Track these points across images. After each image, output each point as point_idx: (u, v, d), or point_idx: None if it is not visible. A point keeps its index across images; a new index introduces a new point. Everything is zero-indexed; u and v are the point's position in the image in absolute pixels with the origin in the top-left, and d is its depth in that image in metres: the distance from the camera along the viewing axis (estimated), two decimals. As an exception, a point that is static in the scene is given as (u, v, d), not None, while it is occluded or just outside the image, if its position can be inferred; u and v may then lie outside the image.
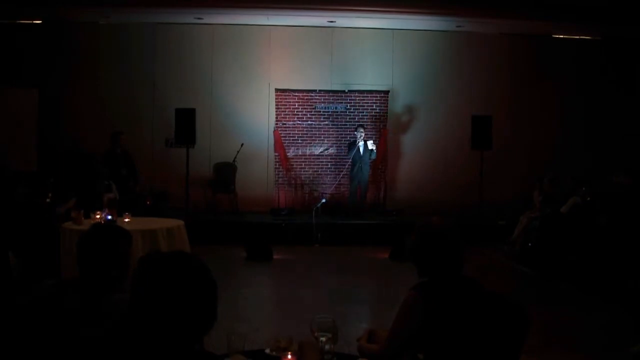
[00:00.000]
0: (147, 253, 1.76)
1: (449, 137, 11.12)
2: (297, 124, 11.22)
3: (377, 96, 11.28)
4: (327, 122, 11.25)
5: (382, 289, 7.27)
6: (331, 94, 11.22)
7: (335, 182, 11.07)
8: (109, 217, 5.90)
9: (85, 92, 10.72)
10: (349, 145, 10.52)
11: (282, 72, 11.11)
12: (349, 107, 11.27)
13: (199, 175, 10.54)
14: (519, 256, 8.58)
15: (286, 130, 11.20)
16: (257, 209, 10.70)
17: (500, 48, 11.36)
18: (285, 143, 11.17)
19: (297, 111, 11.22)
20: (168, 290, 1.62)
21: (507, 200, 10.32)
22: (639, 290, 6.05)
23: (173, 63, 11.05)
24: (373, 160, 10.53)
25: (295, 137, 11.23)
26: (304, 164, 11.26)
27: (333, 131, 11.25)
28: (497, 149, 10.38)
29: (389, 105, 11.28)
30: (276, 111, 11.14)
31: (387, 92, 11.27)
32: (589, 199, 8.28)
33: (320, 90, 11.18)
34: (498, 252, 9.02)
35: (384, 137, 11.18)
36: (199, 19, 10.65)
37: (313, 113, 11.23)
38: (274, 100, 11.11)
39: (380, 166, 11.16)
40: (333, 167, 11.26)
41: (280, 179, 11.20)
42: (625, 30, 10.78)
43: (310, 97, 11.20)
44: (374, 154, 10.32)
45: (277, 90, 11.11)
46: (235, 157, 10.54)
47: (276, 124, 11.15)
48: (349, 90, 11.21)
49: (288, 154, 11.20)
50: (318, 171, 11.27)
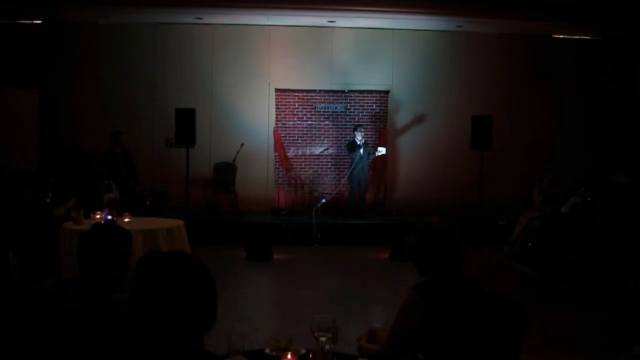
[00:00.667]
0: (147, 253, 1.76)
1: (449, 137, 11.12)
2: (297, 124, 11.22)
3: (377, 96, 11.28)
4: (327, 122, 11.25)
5: (382, 289, 7.26)
6: (331, 94, 11.22)
7: (335, 182, 11.08)
8: (109, 217, 5.90)
9: (85, 92, 10.72)
10: (348, 145, 10.48)
11: (282, 72, 11.11)
12: (349, 107, 11.27)
13: (199, 175, 10.54)
14: (519, 256, 8.58)
15: (286, 130, 11.20)
16: (257, 209, 10.70)
17: (500, 48, 11.35)
18: (285, 143, 11.17)
19: (297, 111, 11.23)
20: (168, 290, 1.62)
21: (507, 200, 10.32)
22: (639, 290, 6.05)
23: (173, 63, 11.04)
24: (372, 160, 10.55)
25: (295, 137, 11.23)
26: (304, 164, 11.26)
27: (333, 131, 11.25)
28: (497, 149, 10.37)
29: (388, 105, 11.28)
30: (276, 111, 11.15)
31: (387, 92, 11.27)
32: (589, 199, 8.28)
33: (320, 90, 11.18)
34: (498, 252, 9.02)
35: (383, 137, 11.18)
36: (199, 19, 10.65)
37: (313, 113, 11.23)
38: (274, 100, 11.11)
39: (380, 166, 11.16)
40: (333, 167, 11.26)
41: (280, 179, 11.20)
42: (625, 30, 10.78)
43: (310, 97, 11.20)
44: (374, 155, 10.33)
45: (277, 90, 11.11)
46: (235, 157, 10.54)
47: (276, 124, 11.15)
48: (349, 90, 11.21)
49: (288, 154, 11.20)
50: (318, 171, 11.27)
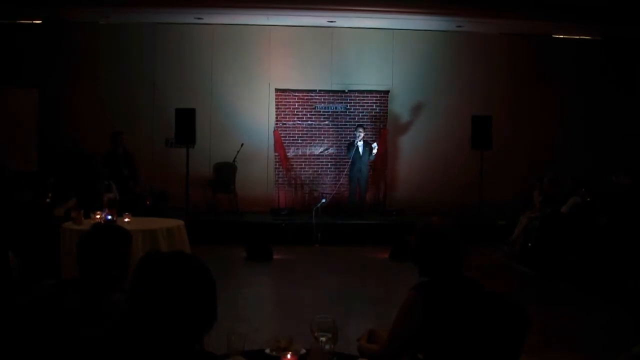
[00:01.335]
0: (147, 253, 1.76)
1: (449, 137, 11.11)
2: (297, 124, 11.22)
3: (377, 96, 11.28)
4: (327, 122, 11.25)
5: (382, 289, 7.25)
6: (331, 94, 11.22)
7: (335, 182, 11.08)
8: (109, 217, 5.90)
9: (85, 92, 10.71)
10: (349, 145, 10.52)
11: (282, 72, 11.11)
12: (349, 107, 11.27)
13: (199, 175, 10.54)
14: (519, 256, 8.57)
15: (286, 130, 11.20)
16: (257, 209, 10.70)
17: (500, 48, 11.35)
18: (285, 143, 11.17)
19: (297, 111, 11.23)
20: (168, 290, 1.62)
21: (507, 200, 10.32)
22: (639, 290, 6.05)
23: (173, 63, 11.04)
24: (372, 161, 10.55)
25: (295, 137, 11.23)
26: (304, 164, 11.26)
27: (333, 131, 11.25)
28: (497, 149, 10.37)
29: (388, 105, 11.28)
30: (276, 111, 11.15)
31: (387, 92, 11.27)
32: (589, 199, 8.27)
33: (320, 90, 11.18)
34: (498, 252, 9.02)
35: (383, 137, 11.18)
36: (199, 19, 10.65)
37: (313, 113, 11.23)
38: (274, 100, 11.11)
39: (380, 166, 11.16)
40: (333, 167, 11.26)
41: (280, 179, 11.20)
42: (625, 30, 10.78)
43: (310, 97, 11.20)
44: (373, 155, 10.34)
45: (277, 90, 11.11)
46: (235, 157, 10.54)
47: (276, 124, 11.15)
48: (349, 90, 11.21)
49: (288, 154, 11.19)
50: (318, 171, 11.27)
